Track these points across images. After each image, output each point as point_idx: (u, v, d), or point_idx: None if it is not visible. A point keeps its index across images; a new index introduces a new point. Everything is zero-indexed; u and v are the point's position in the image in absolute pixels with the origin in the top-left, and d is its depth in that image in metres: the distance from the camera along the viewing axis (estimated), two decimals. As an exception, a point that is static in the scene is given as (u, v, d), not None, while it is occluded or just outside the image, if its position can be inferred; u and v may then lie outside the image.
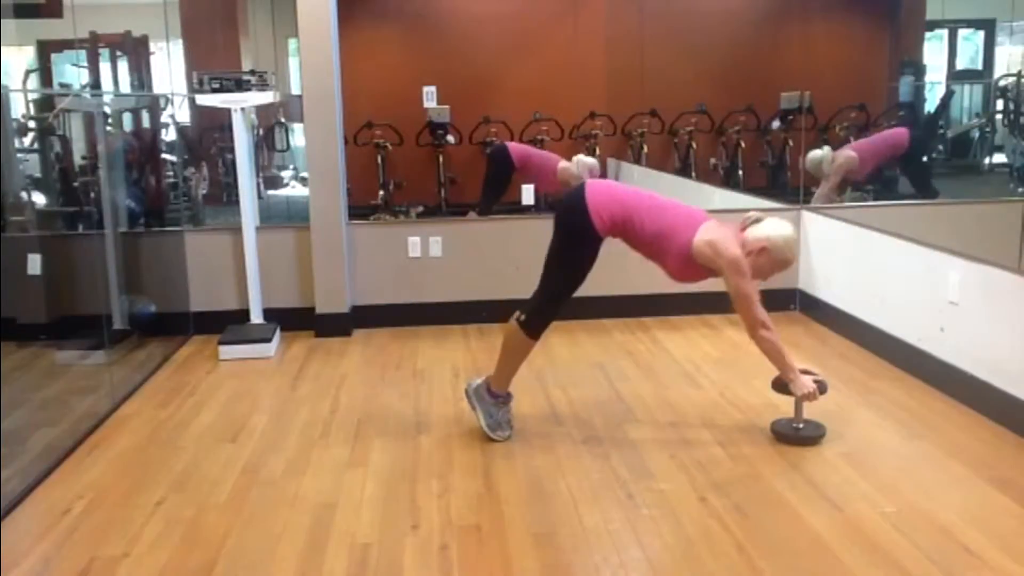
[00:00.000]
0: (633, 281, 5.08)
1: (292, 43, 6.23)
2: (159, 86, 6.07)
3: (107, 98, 5.46)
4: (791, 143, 6.11)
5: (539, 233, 5.12)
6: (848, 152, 5.53)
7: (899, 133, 5.99)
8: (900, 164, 5.70)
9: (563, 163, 6.00)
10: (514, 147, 6.12)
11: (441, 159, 6.70)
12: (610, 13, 6.74)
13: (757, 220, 3.27)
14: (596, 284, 5.26)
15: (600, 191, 3.27)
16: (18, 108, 5.47)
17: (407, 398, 3.90)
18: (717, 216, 5.07)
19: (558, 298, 3.31)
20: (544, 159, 6.04)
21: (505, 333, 3.36)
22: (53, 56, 5.76)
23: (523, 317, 3.29)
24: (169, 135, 6.08)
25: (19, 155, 5.41)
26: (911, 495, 2.83)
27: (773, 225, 3.24)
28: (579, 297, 3.63)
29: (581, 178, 5.79)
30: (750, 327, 3.20)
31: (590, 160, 5.99)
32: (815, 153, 5.58)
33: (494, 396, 3.37)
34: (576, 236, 3.25)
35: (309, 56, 4.79)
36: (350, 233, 5.01)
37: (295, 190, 6.57)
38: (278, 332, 4.78)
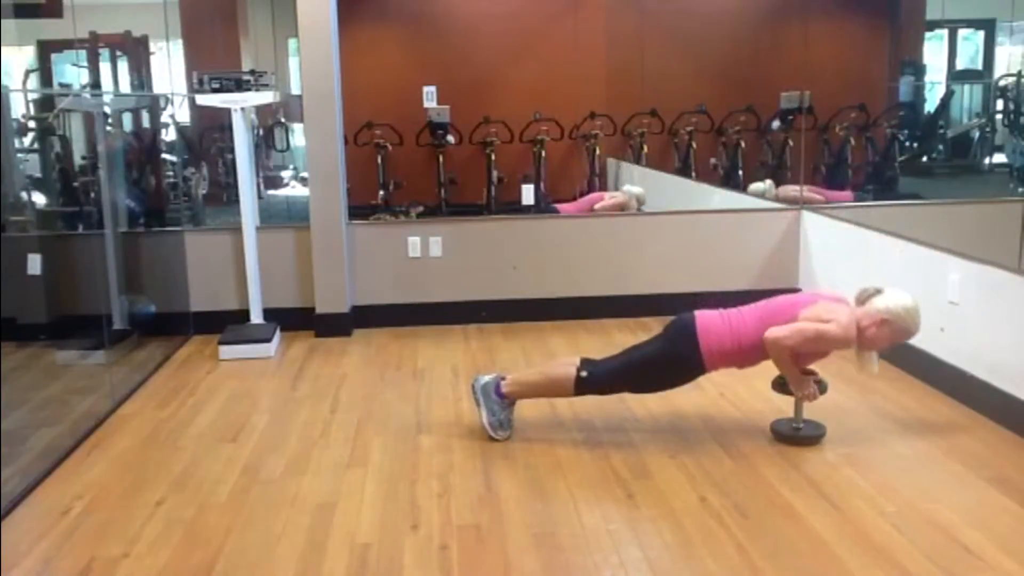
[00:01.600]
0: (633, 281, 5.09)
1: (292, 43, 6.23)
2: (159, 86, 6.06)
3: (107, 98, 5.45)
4: (791, 143, 6.10)
5: (539, 233, 5.17)
6: (791, 190, 5.47)
7: (845, 197, 5.92)
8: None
9: (609, 194, 6.09)
10: (563, 209, 6.10)
11: (441, 159, 6.70)
12: (610, 13, 6.74)
13: (877, 291, 3.21)
14: (596, 284, 5.27)
15: (710, 323, 3.21)
16: (18, 108, 5.46)
17: (407, 398, 3.90)
18: (717, 216, 5.07)
19: (625, 387, 3.38)
20: (590, 204, 6.02)
21: (558, 371, 3.34)
22: (53, 56, 5.76)
23: (584, 375, 3.27)
24: (169, 135, 6.07)
25: (19, 155, 5.40)
26: (911, 495, 2.83)
27: (892, 296, 3.18)
28: (579, 297, 3.65)
29: (630, 207, 5.84)
30: (775, 339, 3.12)
31: (637, 190, 6.05)
32: (757, 186, 5.76)
33: (501, 397, 3.37)
34: (681, 363, 3.26)
35: (309, 56, 4.79)
36: (350, 233, 5.01)
37: (295, 190, 6.57)
38: (278, 332, 4.78)
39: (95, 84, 5.60)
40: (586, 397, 3.78)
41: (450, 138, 6.63)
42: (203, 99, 4.56)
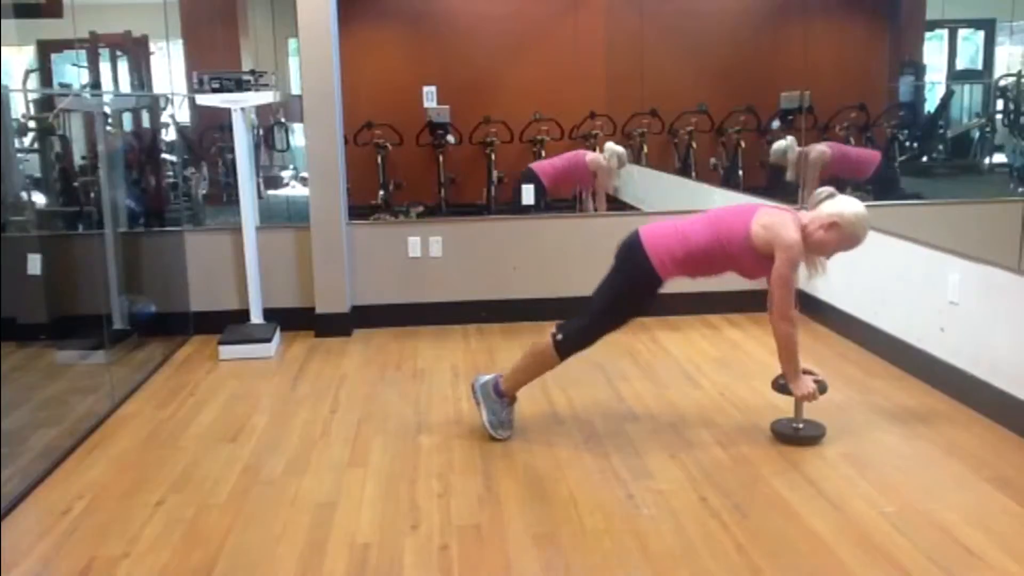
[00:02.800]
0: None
1: (292, 43, 6.23)
2: (159, 86, 6.06)
3: (107, 98, 5.45)
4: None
5: (539, 233, 5.17)
6: (822, 147, 5.53)
7: (869, 159, 5.99)
8: (863, 182, 5.75)
9: (590, 155, 6.07)
10: (540, 168, 6.15)
11: (441, 159, 6.69)
12: (610, 13, 6.74)
13: (831, 195, 3.22)
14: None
15: (655, 234, 3.25)
16: (18, 108, 5.46)
17: (407, 398, 3.91)
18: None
19: (601, 331, 3.33)
20: (571, 162, 6.07)
21: (536, 344, 3.35)
22: (53, 56, 5.76)
23: (560, 337, 3.27)
24: (169, 135, 6.07)
25: (19, 155, 5.40)
26: (911, 495, 2.83)
27: (847, 202, 3.20)
28: (579, 297, 3.63)
29: (611, 166, 5.84)
30: (777, 311, 3.16)
31: (619, 148, 6.05)
32: (779, 144, 5.65)
33: (500, 396, 3.37)
34: (638, 283, 3.26)
35: (309, 56, 4.79)
36: (350, 233, 5.01)
37: (295, 190, 6.57)
38: (278, 332, 4.78)
39: (95, 84, 5.60)
40: (586, 396, 3.79)
41: (450, 138, 6.63)
42: (203, 99, 4.57)
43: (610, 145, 6.18)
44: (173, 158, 6.07)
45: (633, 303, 3.35)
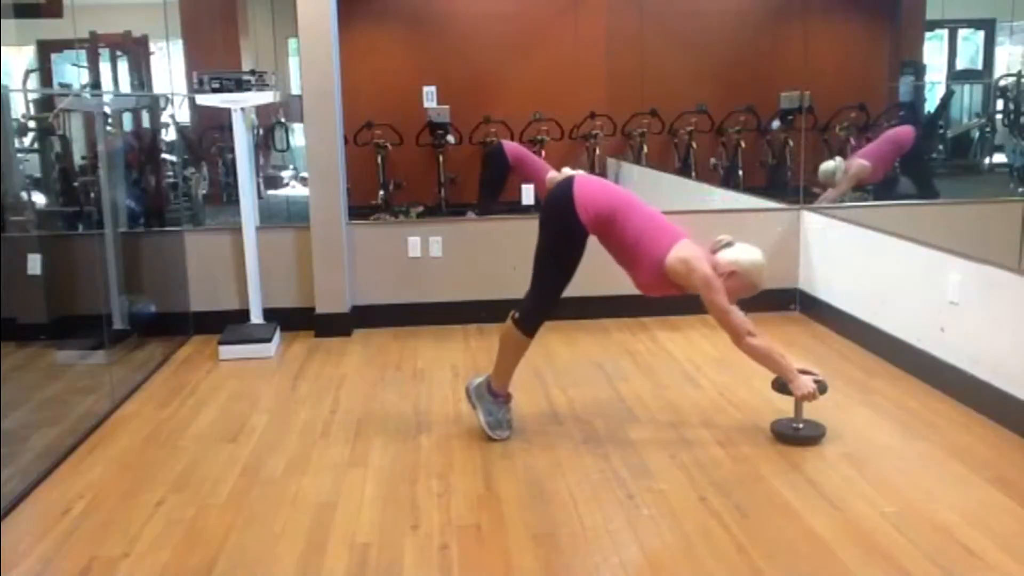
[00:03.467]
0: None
1: (292, 43, 6.23)
2: (159, 86, 6.07)
3: (107, 98, 5.45)
4: (791, 143, 6.11)
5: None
6: (861, 161, 5.53)
7: (903, 131, 5.98)
8: (902, 164, 5.71)
9: (552, 173, 6.01)
10: (510, 146, 6.12)
11: (441, 159, 6.70)
12: (610, 13, 6.74)
13: (728, 244, 3.27)
14: (596, 284, 5.26)
15: (588, 184, 3.28)
16: (18, 108, 5.47)
17: (407, 398, 3.90)
18: (717, 216, 5.09)
19: (550, 295, 3.31)
20: (537, 165, 6.03)
21: (502, 331, 3.37)
22: (53, 56, 5.76)
23: (518, 315, 3.30)
24: (169, 135, 6.07)
25: (19, 155, 5.41)
26: (911, 495, 2.83)
27: (743, 250, 3.26)
28: (579, 297, 3.64)
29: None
30: (734, 338, 3.21)
31: (580, 173, 5.96)
32: (828, 165, 5.60)
33: (494, 395, 3.37)
34: (562, 229, 3.24)
35: (309, 56, 4.79)
36: (350, 233, 5.01)
37: (295, 190, 6.57)
38: (278, 332, 4.78)
39: (95, 84, 5.60)
40: (586, 395, 3.79)
41: (450, 138, 6.64)
42: (203, 99, 4.56)
43: (567, 170, 6.05)
44: (173, 158, 6.07)
45: (565, 251, 3.27)
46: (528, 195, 5.94)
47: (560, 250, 3.27)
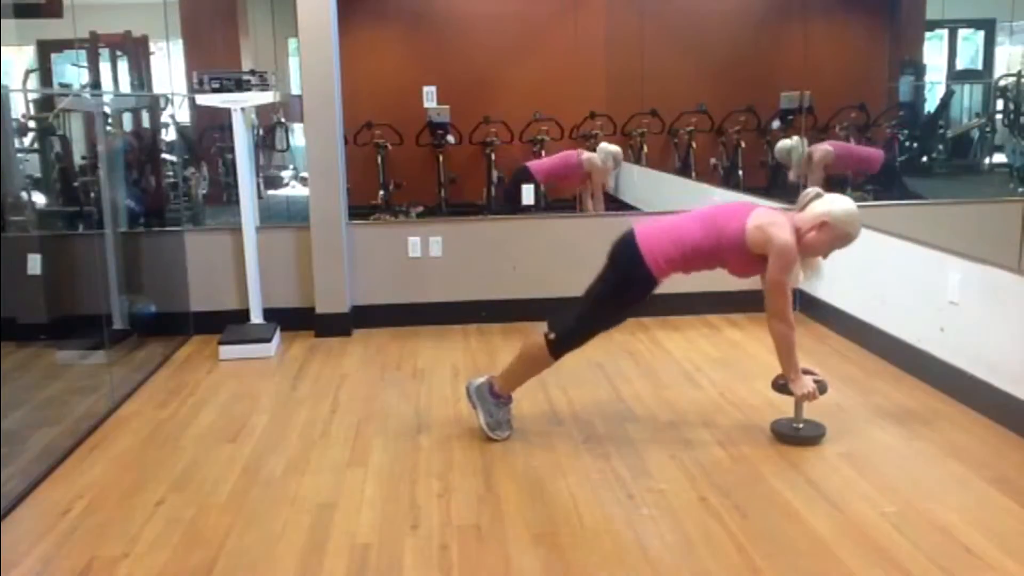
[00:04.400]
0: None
1: (292, 43, 6.23)
2: (159, 86, 6.06)
3: (107, 98, 5.45)
4: (791, 143, 6.10)
5: (539, 233, 5.16)
6: (825, 146, 5.56)
7: (875, 155, 6.01)
8: (864, 182, 5.79)
9: (585, 154, 6.08)
10: (535, 166, 6.17)
11: (441, 159, 6.70)
12: (610, 13, 6.74)
13: (818, 195, 3.21)
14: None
15: (650, 234, 3.24)
16: (18, 108, 5.46)
17: (407, 398, 3.90)
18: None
19: (594, 330, 3.33)
20: (564, 161, 6.08)
21: (528, 344, 3.34)
22: (53, 56, 5.76)
23: (552, 336, 3.26)
24: (169, 135, 6.07)
25: (19, 155, 5.41)
26: (911, 495, 2.83)
27: (836, 200, 3.18)
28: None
29: (606, 166, 5.85)
30: (773, 314, 3.18)
31: (613, 148, 6.07)
32: (784, 142, 5.71)
33: (496, 396, 3.36)
34: (632, 280, 3.24)
35: (309, 56, 4.79)
36: (350, 233, 5.01)
37: (295, 190, 6.57)
38: (278, 332, 4.78)
39: (95, 84, 5.60)
40: (586, 396, 3.79)
41: (450, 138, 6.63)
42: (203, 99, 4.56)
43: (604, 145, 6.21)
44: (173, 158, 6.07)
45: (627, 303, 3.34)
46: (528, 195, 5.95)
47: (625, 297, 3.29)
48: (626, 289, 3.28)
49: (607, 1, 6.79)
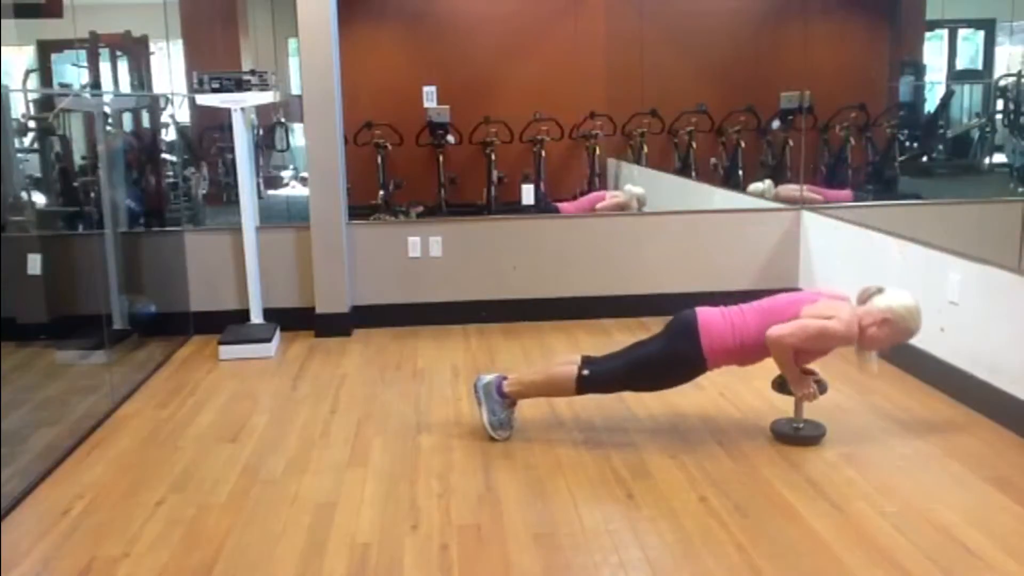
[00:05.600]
0: (633, 281, 5.09)
1: (292, 43, 6.23)
2: (159, 86, 6.06)
3: (107, 98, 5.45)
4: (791, 143, 6.10)
5: (539, 233, 5.16)
6: (792, 188, 5.46)
7: (844, 196, 5.92)
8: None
9: (611, 195, 6.08)
10: (564, 208, 6.12)
11: (441, 159, 6.69)
12: (610, 13, 6.74)
13: (879, 291, 3.21)
14: (596, 284, 5.27)
15: (712, 321, 3.21)
16: (18, 108, 5.46)
17: (407, 398, 3.90)
18: (717, 216, 5.08)
19: (629, 385, 3.37)
20: (592, 203, 6.04)
21: (559, 370, 3.33)
22: (53, 56, 5.76)
23: (586, 373, 3.26)
24: (169, 135, 6.07)
25: (19, 155, 5.40)
26: (911, 495, 2.83)
27: (897, 297, 3.18)
28: (579, 297, 3.65)
29: (631, 207, 5.85)
30: (779, 335, 3.13)
31: (638, 190, 6.07)
32: (756, 186, 5.79)
33: (503, 396, 3.36)
34: (683, 362, 3.25)
35: (309, 56, 4.79)
36: (350, 233, 5.01)
37: (295, 190, 6.57)
38: (278, 332, 4.78)
39: (95, 84, 5.60)
40: (587, 397, 3.78)
41: (450, 138, 6.63)
42: (203, 99, 4.56)
43: (630, 187, 6.20)
44: (173, 158, 6.07)
45: (670, 376, 3.33)
46: (528, 195, 5.95)
47: (670, 371, 3.30)
48: (674, 364, 3.28)
49: (607, 1, 6.79)
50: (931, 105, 6.37)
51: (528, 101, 6.62)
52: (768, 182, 5.80)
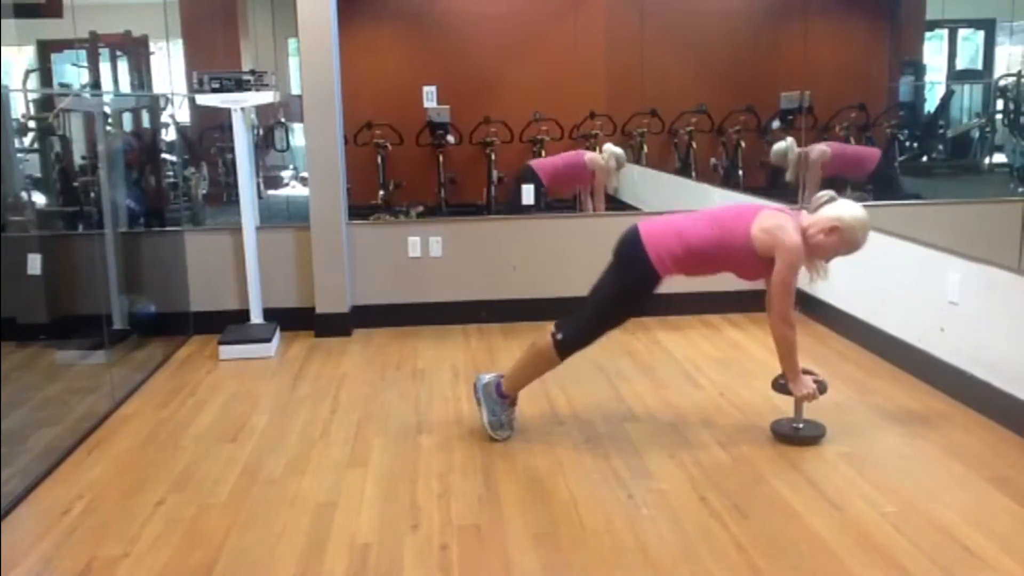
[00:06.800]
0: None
1: (292, 43, 6.23)
2: (159, 86, 6.06)
3: (107, 98, 5.45)
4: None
5: (539, 233, 5.17)
6: (822, 147, 5.55)
7: (870, 156, 6.00)
8: (864, 180, 5.79)
9: (589, 155, 6.11)
10: (538, 165, 6.18)
11: (441, 159, 6.70)
12: (610, 13, 6.74)
13: (832, 199, 3.21)
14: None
15: (655, 231, 3.23)
16: (18, 108, 5.46)
17: (407, 398, 3.90)
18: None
19: (601, 329, 3.32)
20: (570, 161, 6.10)
21: (536, 344, 3.34)
22: (53, 56, 5.76)
23: (560, 336, 3.26)
24: (169, 135, 6.07)
25: (19, 155, 5.41)
26: (911, 495, 2.83)
27: (847, 206, 3.18)
28: (579, 297, 3.64)
29: (609, 166, 5.87)
30: (777, 314, 3.17)
31: (617, 149, 6.11)
32: (779, 145, 5.70)
33: (502, 396, 3.36)
34: (637, 278, 3.24)
35: (309, 56, 4.79)
36: (350, 233, 5.01)
37: (295, 190, 6.57)
38: (278, 332, 4.78)
39: (95, 84, 5.60)
40: (586, 396, 3.79)
41: (450, 138, 6.63)
42: (203, 99, 4.56)
43: (608, 146, 6.22)
44: (173, 158, 6.07)
45: (632, 301, 3.34)
46: (528, 195, 5.95)
47: (631, 296, 3.29)
48: (631, 287, 3.27)
49: (607, 1, 6.79)
50: (931, 105, 6.37)
51: (528, 101, 6.62)
52: (790, 139, 5.70)
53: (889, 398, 3.72)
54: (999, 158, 5.92)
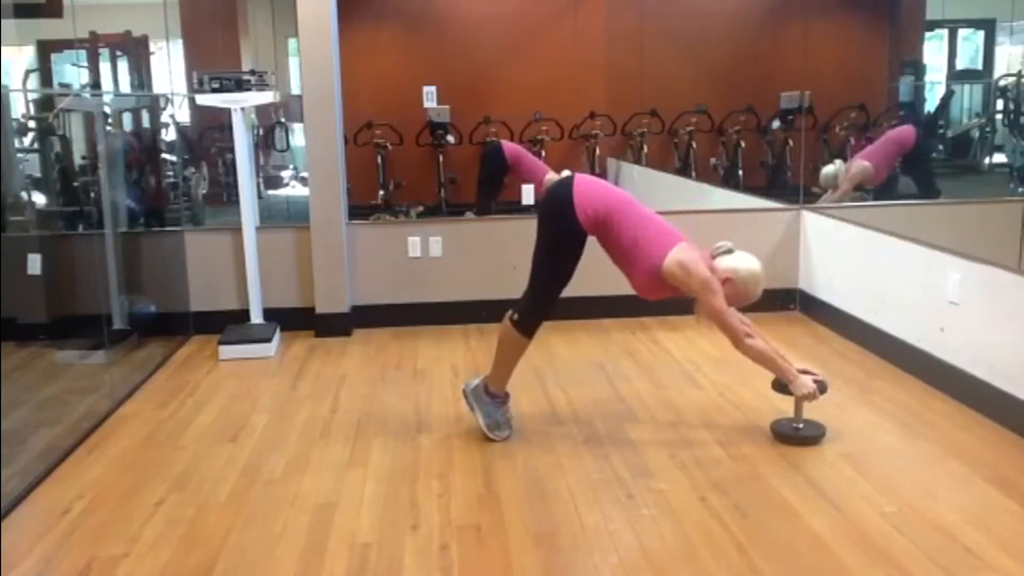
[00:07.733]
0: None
1: (292, 43, 6.23)
2: (159, 86, 6.07)
3: (107, 98, 5.46)
4: (791, 143, 6.11)
5: (539, 233, 5.16)
6: (861, 162, 5.52)
7: (905, 131, 5.97)
8: (904, 163, 5.70)
9: (550, 175, 6.04)
10: (509, 146, 6.14)
11: (441, 159, 6.70)
12: (610, 13, 6.74)
13: (728, 251, 3.24)
14: (596, 284, 5.26)
15: (587, 185, 3.25)
16: (18, 108, 5.47)
17: (407, 398, 3.90)
18: (717, 216, 5.09)
19: (548, 295, 3.30)
20: (536, 167, 6.05)
21: (499, 332, 3.36)
22: (53, 56, 5.76)
23: (516, 316, 3.29)
24: (169, 135, 6.07)
25: (19, 155, 5.41)
26: (911, 495, 2.83)
27: (741, 258, 3.23)
28: (579, 297, 3.65)
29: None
30: (733, 341, 3.21)
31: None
32: (828, 169, 5.60)
33: (492, 396, 3.37)
34: (561, 230, 3.21)
35: (309, 56, 4.79)
36: (350, 233, 5.01)
37: (295, 190, 6.57)
38: (278, 332, 4.78)
39: (95, 84, 5.60)
40: (586, 396, 3.79)
41: (450, 138, 6.64)
42: (203, 99, 4.56)
43: (567, 173, 6.12)
44: (173, 158, 6.07)
45: (565, 258, 3.25)
46: (528, 195, 5.94)
47: (559, 250, 3.25)
48: (558, 240, 3.24)
49: (607, 1, 6.80)
50: (931, 105, 6.37)
51: (528, 101, 6.63)
52: (839, 162, 5.64)
53: (889, 398, 3.72)
54: (999, 158, 5.92)
